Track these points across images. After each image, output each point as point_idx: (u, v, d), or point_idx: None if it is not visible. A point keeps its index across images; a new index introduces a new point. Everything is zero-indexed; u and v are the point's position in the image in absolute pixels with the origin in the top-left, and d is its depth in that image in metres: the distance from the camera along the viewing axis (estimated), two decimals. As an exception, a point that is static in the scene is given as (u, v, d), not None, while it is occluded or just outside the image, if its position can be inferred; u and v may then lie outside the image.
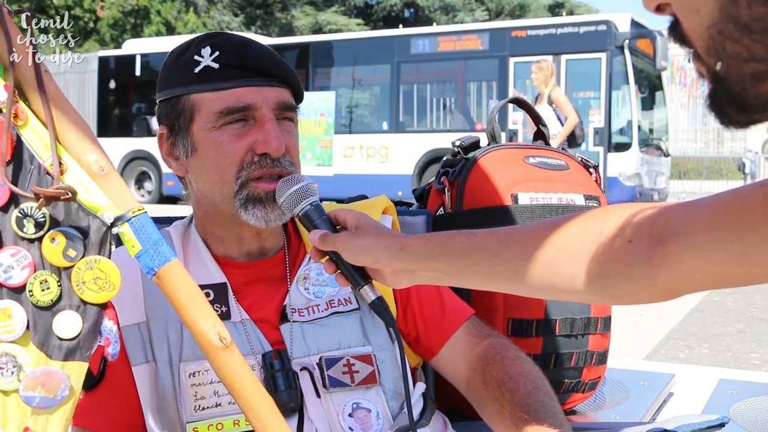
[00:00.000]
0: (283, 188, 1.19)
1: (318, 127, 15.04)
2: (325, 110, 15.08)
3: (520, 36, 13.58)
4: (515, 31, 13.77)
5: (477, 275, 1.03)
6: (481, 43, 13.99)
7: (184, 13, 29.59)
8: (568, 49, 13.06)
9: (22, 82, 0.96)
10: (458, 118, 14.63)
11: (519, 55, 13.49)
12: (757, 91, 0.61)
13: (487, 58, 14.00)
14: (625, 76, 12.79)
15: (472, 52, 14.08)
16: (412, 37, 14.74)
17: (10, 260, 0.95)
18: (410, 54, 14.48)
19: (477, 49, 14.04)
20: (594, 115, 13.07)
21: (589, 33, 12.97)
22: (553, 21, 14.54)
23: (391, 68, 14.68)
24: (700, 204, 0.88)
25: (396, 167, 14.34)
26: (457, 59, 14.31)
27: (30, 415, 0.95)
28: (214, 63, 1.29)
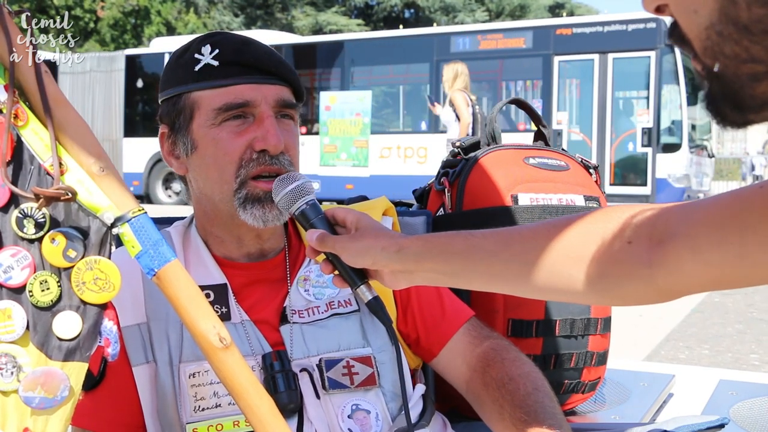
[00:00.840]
0: (279, 187, 1.18)
1: (353, 127, 14.81)
2: (361, 110, 14.83)
3: (565, 34, 13.24)
4: (560, 29, 13.40)
5: (476, 276, 1.03)
6: (524, 41, 13.64)
7: (185, 13, 29.59)
8: (615, 48, 12.85)
9: (22, 82, 0.96)
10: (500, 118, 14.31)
11: (564, 54, 13.21)
12: (754, 91, 0.62)
13: (530, 56, 13.64)
14: (674, 75, 12.56)
15: (515, 50, 13.72)
16: (452, 36, 14.48)
17: (10, 260, 0.95)
18: (450, 52, 13.97)
19: (520, 48, 13.68)
20: (642, 114, 12.89)
21: (637, 31, 12.71)
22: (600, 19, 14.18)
23: (430, 67, 14.34)
24: (699, 205, 0.88)
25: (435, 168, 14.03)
26: (499, 58, 13.94)
27: (29, 415, 0.95)
28: (213, 61, 1.30)
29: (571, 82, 13.62)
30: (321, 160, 14.91)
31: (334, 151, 14.90)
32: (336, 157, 14.90)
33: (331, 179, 14.52)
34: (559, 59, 13.38)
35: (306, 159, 14.69)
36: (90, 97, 17.22)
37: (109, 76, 17.24)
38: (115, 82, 17.03)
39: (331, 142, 14.94)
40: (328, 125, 14.95)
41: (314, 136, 14.93)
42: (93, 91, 17.24)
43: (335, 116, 14.93)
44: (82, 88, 17.20)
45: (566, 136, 13.01)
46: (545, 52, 13.42)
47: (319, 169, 14.76)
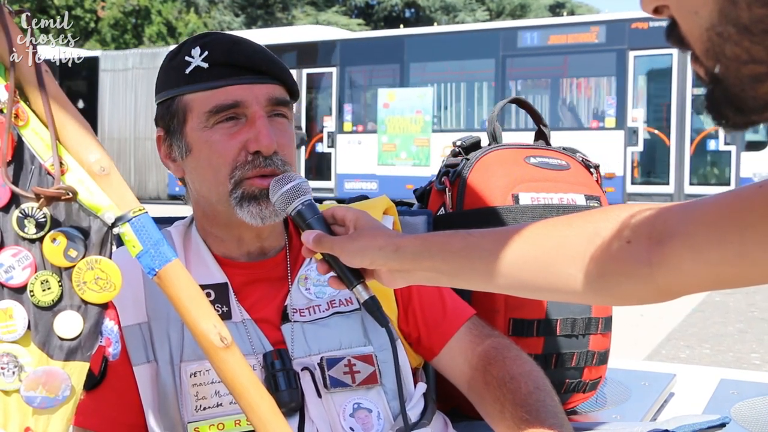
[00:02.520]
0: (276, 187, 1.18)
1: (414, 125, 14.31)
2: (421, 107, 14.33)
3: (641, 28, 12.62)
4: (635, 23, 12.70)
5: (474, 275, 1.02)
6: (596, 35, 13.10)
7: (185, 13, 29.58)
8: None
9: (22, 82, 0.96)
10: (569, 116, 13.81)
11: (639, 49, 12.74)
12: (755, 92, 0.61)
13: (603, 51, 13.12)
14: None
15: (586, 45, 13.18)
16: (519, 30, 13.90)
17: (11, 260, 0.96)
18: (517, 48, 13.59)
19: (591, 42, 13.13)
20: None
21: None
22: None
23: (495, 63, 13.78)
24: (699, 204, 0.88)
25: None
26: (569, 53, 13.43)
27: (31, 415, 0.95)
28: (203, 63, 1.30)
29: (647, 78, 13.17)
30: (379, 159, 14.54)
31: (393, 149, 14.47)
32: (395, 156, 14.49)
33: (390, 179, 14.18)
34: (635, 54, 12.91)
35: (363, 158, 14.58)
36: (132, 94, 16.88)
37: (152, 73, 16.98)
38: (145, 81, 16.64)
39: (390, 141, 14.51)
40: (386, 123, 14.51)
41: (372, 135, 14.58)
42: (135, 89, 16.85)
43: (394, 114, 14.51)
44: (123, 86, 16.89)
45: (642, 134, 12.62)
46: (619, 47, 12.91)
47: (377, 169, 14.46)
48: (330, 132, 15.03)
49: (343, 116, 15.07)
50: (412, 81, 14.55)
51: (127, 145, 16.98)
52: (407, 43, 14.72)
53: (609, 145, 12.81)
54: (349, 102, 15.16)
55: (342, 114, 15.10)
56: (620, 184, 12.85)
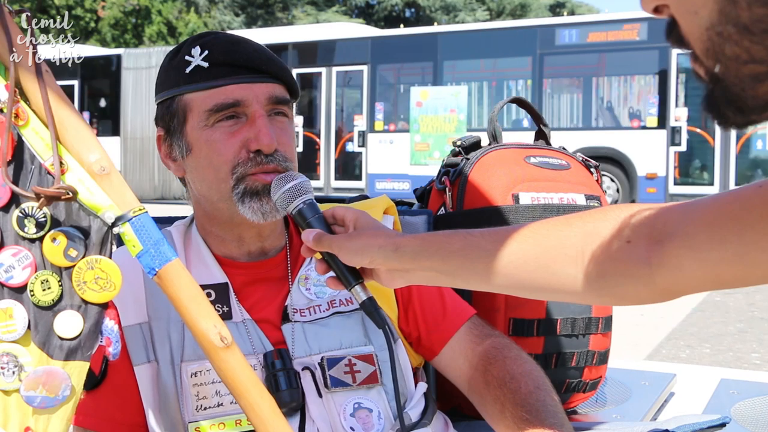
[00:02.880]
0: (277, 186, 1.18)
1: (448, 124, 13.76)
2: (455, 106, 13.80)
3: None
4: None
5: (473, 275, 1.02)
6: (637, 32, 12.64)
7: (185, 13, 29.58)
8: None
9: (23, 81, 0.96)
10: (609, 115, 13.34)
11: None
12: (755, 92, 0.61)
13: (644, 49, 12.79)
14: None
15: (627, 43, 12.75)
16: (557, 27, 13.48)
17: (11, 260, 0.96)
18: (555, 45, 13.19)
19: (633, 40, 12.71)
20: None
21: None
22: None
23: (533, 61, 13.38)
24: (698, 205, 0.88)
25: None
26: (609, 51, 13.01)
27: (31, 414, 0.95)
28: (203, 62, 1.30)
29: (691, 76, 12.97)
30: (411, 159, 14.18)
31: (426, 149, 14.03)
32: (428, 156, 14.06)
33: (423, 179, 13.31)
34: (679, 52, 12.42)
35: (395, 157, 14.22)
36: None
37: None
38: None
39: (423, 140, 14.07)
40: (419, 122, 14.05)
41: (404, 134, 14.20)
42: None
43: (427, 113, 14.03)
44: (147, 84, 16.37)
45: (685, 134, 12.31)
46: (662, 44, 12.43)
47: (409, 168, 14.10)
48: (361, 131, 14.74)
49: (375, 115, 14.71)
50: (446, 79, 14.14)
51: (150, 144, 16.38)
52: (441, 40, 14.29)
53: (651, 145, 12.67)
54: (381, 100, 14.73)
55: (373, 113, 14.72)
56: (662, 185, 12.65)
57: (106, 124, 17.03)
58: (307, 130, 15.17)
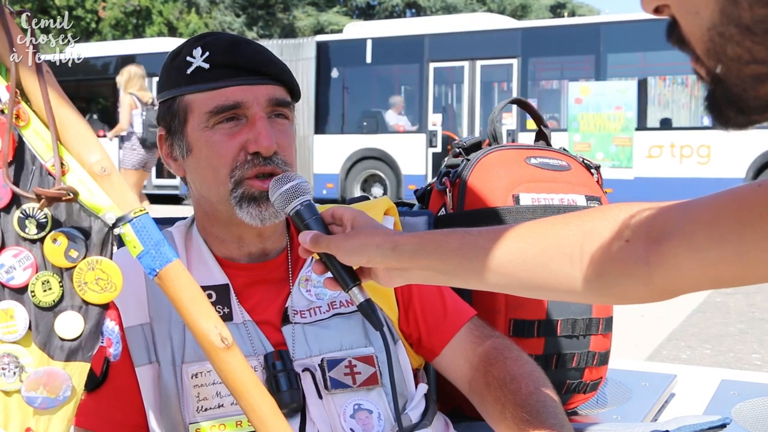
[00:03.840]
0: (275, 187, 1.18)
1: (613, 123, 12.56)
2: (622, 103, 12.56)
3: None
4: None
5: (471, 274, 1.02)
6: None
7: (186, 13, 29.57)
8: None
9: (23, 82, 0.96)
10: None
11: None
12: (757, 92, 0.61)
13: None
14: None
15: None
16: None
17: (12, 261, 0.96)
18: None
19: None
20: None
21: None
22: None
23: None
24: (698, 204, 0.88)
25: (721, 169, 11.73)
26: None
27: (32, 415, 0.95)
28: (204, 63, 1.30)
29: None
30: None
31: (587, 149, 12.68)
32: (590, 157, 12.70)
33: None
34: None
35: None
36: None
37: (295, 66, 14.63)
38: (304, 72, 14.76)
39: (584, 140, 12.78)
40: (579, 120, 12.79)
41: (561, 133, 12.73)
42: None
43: (588, 110, 12.78)
44: None
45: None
46: None
47: None
48: (510, 130, 13.28)
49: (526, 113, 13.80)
50: (610, 73, 12.90)
51: None
52: (604, 31, 12.96)
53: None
54: (533, 97, 13.27)
55: None
56: None
57: None
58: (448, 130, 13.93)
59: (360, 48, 14.43)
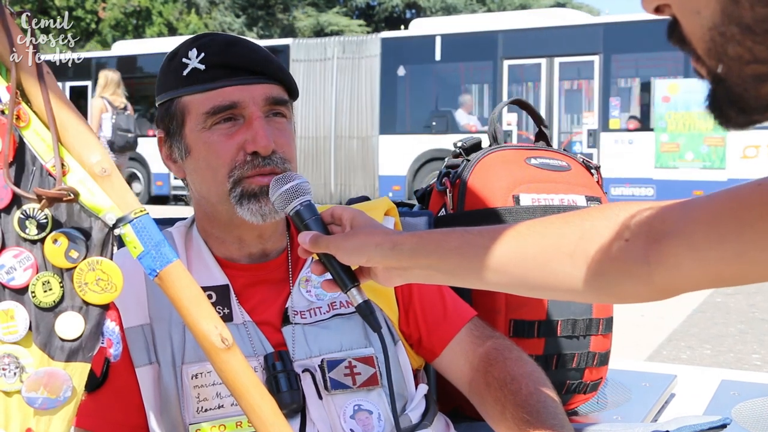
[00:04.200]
0: (275, 187, 1.18)
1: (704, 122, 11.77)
2: None
3: None
4: None
5: (471, 273, 1.02)
6: None
7: (186, 14, 29.57)
8: None
9: (24, 83, 0.96)
10: None
11: None
12: (758, 92, 0.61)
13: None
14: None
15: None
16: None
17: (13, 261, 0.96)
18: None
19: None
20: None
21: None
22: None
23: None
24: (697, 203, 0.88)
25: None
26: None
27: (32, 415, 0.95)
28: (200, 64, 1.30)
29: None
30: (657, 161, 12.35)
31: (675, 150, 12.21)
32: (678, 158, 12.26)
33: (672, 183, 12.05)
34: None
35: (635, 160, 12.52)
36: (331, 86, 14.74)
37: (358, 63, 14.49)
38: (368, 69, 14.34)
39: (672, 140, 12.24)
40: (666, 120, 12.24)
41: (647, 133, 12.40)
42: (334, 81, 14.71)
43: (677, 109, 12.21)
44: (321, 77, 14.80)
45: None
46: None
47: (653, 172, 12.34)
48: (591, 130, 12.95)
49: (609, 112, 12.92)
50: None
51: (326, 144, 14.77)
52: None
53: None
54: (617, 95, 12.94)
55: (607, 109, 12.88)
56: None
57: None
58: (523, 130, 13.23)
59: (428, 45, 13.81)
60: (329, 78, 14.80)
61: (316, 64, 14.83)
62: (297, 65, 14.75)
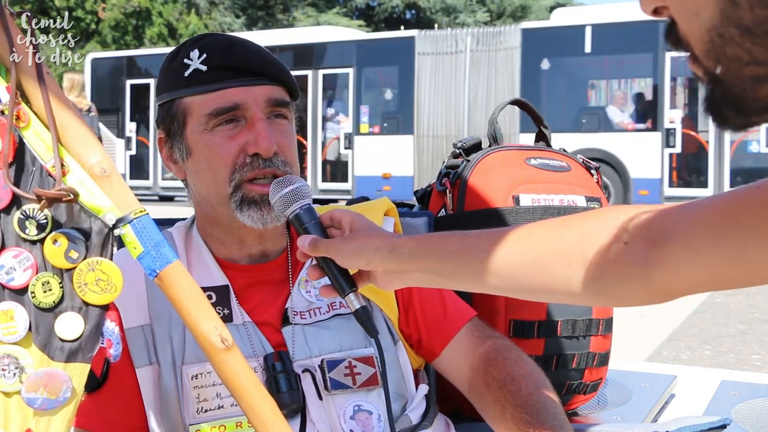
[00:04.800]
0: (275, 190, 1.18)
1: None
2: None
3: None
4: None
5: (470, 276, 1.02)
6: None
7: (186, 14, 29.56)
8: None
9: (24, 83, 0.96)
10: None
11: None
12: (756, 93, 0.61)
13: None
14: None
15: None
16: None
17: (12, 262, 0.96)
18: None
19: None
20: None
21: None
22: None
23: None
24: (696, 205, 0.88)
25: None
26: None
27: (32, 416, 0.95)
28: (202, 65, 1.30)
29: None
30: None
31: None
32: None
33: None
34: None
35: None
36: (463, 82, 13.73)
37: (494, 56, 13.52)
38: (506, 63, 13.40)
39: None
40: None
41: None
42: (468, 76, 13.70)
43: None
44: (451, 72, 13.87)
45: None
46: None
47: None
48: None
49: None
50: None
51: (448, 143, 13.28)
52: None
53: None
54: None
55: None
56: None
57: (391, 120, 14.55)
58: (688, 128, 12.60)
59: (577, 36, 12.86)
60: (461, 72, 13.86)
61: (445, 58, 13.91)
62: (423, 59, 13.95)
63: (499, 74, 13.56)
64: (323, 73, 15.11)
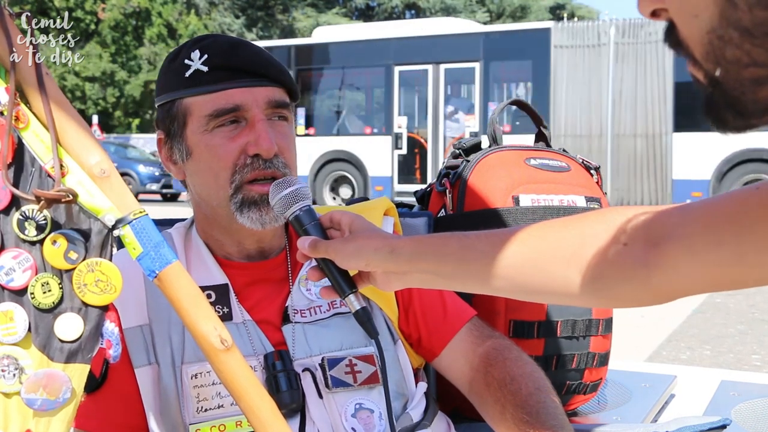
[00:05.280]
0: (275, 191, 1.18)
1: None
2: None
3: None
4: None
5: (469, 277, 1.02)
6: None
7: (186, 15, 29.57)
8: None
9: (23, 84, 0.96)
10: None
11: None
12: (756, 96, 0.61)
13: None
14: None
15: None
16: None
17: (12, 263, 0.96)
18: None
19: None
20: None
21: None
22: None
23: None
24: (696, 207, 0.88)
25: None
26: None
27: (32, 417, 0.95)
28: (203, 66, 1.30)
29: None
30: None
31: None
32: None
33: None
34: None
35: None
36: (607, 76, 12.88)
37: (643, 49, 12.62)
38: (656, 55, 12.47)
39: None
40: None
41: None
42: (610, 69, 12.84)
43: None
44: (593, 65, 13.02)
45: None
46: None
47: None
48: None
49: None
50: None
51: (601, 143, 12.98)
52: None
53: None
54: None
55: None
56: None
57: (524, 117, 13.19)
58: None
59: None
60: (604, 66, 12.98)
61: (585, 50, 13.05)
62: (560, 51, 13.16)
63: (648, 68, 12.69)
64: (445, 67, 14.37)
